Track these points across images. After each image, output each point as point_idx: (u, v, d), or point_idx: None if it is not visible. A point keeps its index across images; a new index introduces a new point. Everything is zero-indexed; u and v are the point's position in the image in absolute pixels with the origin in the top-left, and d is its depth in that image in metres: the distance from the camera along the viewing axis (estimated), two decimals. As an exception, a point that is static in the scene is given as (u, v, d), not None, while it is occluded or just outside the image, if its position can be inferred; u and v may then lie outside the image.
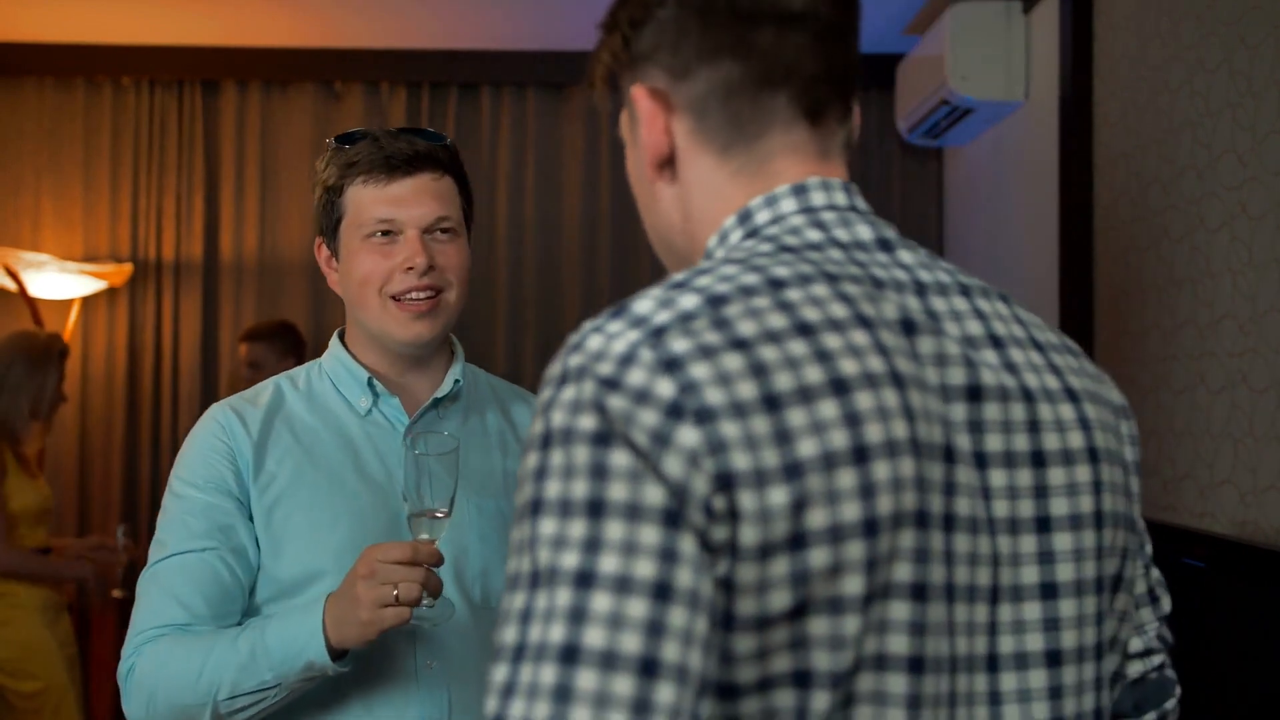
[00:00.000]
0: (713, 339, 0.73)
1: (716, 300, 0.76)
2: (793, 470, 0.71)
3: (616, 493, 0.69)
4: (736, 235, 0.86)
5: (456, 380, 1.56)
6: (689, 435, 0.70)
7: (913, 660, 0.74)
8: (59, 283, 3.97)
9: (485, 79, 4.26)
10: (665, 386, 0.71)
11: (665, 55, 0.87)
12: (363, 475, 1.49)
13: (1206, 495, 2.35)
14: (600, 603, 0.67)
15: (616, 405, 0.71)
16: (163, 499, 1.50)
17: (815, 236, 0.84)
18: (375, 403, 1.54)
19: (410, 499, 1.37)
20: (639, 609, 0.67)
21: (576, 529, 0.69)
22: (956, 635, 0.77)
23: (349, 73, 4.25)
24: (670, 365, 0.72)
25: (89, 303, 4.16)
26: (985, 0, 3.35)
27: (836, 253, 0.83)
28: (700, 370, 0.72)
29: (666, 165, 0.90)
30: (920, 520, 0.75)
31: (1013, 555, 0.80)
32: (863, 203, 0.88)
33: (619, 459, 0.70)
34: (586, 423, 0.71)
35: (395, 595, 1.28)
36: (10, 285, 3.95)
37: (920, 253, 0.87)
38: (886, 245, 0.85)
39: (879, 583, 0.73)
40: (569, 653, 0.66)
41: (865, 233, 0.85)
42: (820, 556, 0.71)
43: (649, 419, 0.70)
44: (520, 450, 1.37)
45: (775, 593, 0.71)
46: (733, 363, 0.73)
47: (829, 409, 0.73)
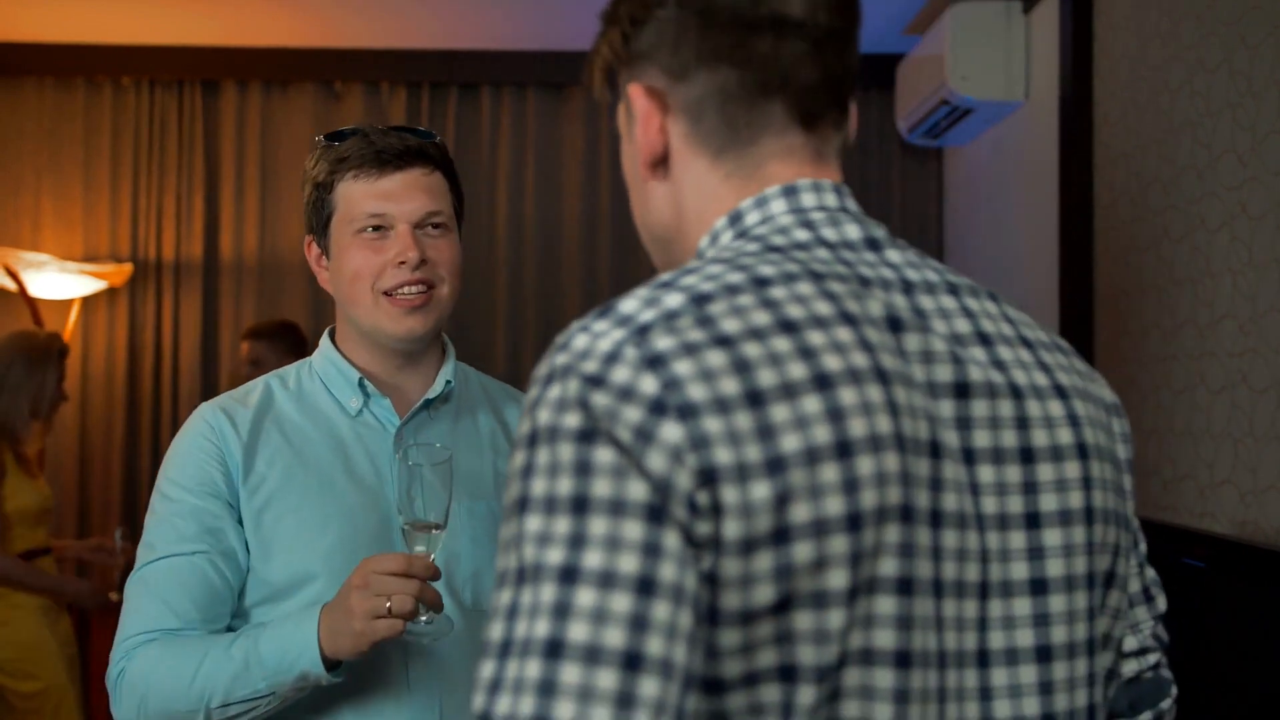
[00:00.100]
0: (696, 336, 0.74)
1: (701, 299, 0.76)
2: (775, 465, 0.71)
3: (600, 489, 0.70)
4: (727, 236, 0.86)
5: (448, 381, 1.54)
6: (672, 431, 0.71)
7: (899, 655, 0.75)
8: (59, 283, 3.97)
9: (485, 79, 4.26)
10: (649, 383, 0.72)
11: (664, 55, 0.87)
12: (353, 477, 1.48)
13: (1206, 495, 2.34)
14: (584, 598, 0.68)
15: (600, 402, 0.72)
16: (150, 499, 1.49)
17: (803, 236, 0.84)
18: (366, 403, 1.52)
19: (405, 512, 1.35)
20: (622, 603, 0.67)
21: (561, 525, 0.70)
22: (945, 630, 0.77)
23: (349, 73, 4.25)
24: (654, 362, 0.73)
25: (89, 303, 4.16)
26: (985, 0, 3.36)
27: (823, 252, 0.83)
28: (683, 367, 0.72)
29: (660, 164, 0.90)
30: (905, 515, 0.75)
31: (1002, 551, 0.80)
32: (854, 204, 0.88)
33: (603, 455, 0.70)
34: (571, 420, 0.72)
35: (388, 607, 1.28)
36: (10, 285, 3.95)
37: (909, 252, 0.87)
38: (874, 245, 0.86)
39: (864, 577, 0.73)
40: (553, 647, 0.67)
41: (853, 232, 0.85)
42: (804, 551, 0.71)
43: (632, 415, 0.71)
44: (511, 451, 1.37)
45: (759, 587, 0.71)
46: (716, 359, 0.73)
47: (812, 404, 0.73)
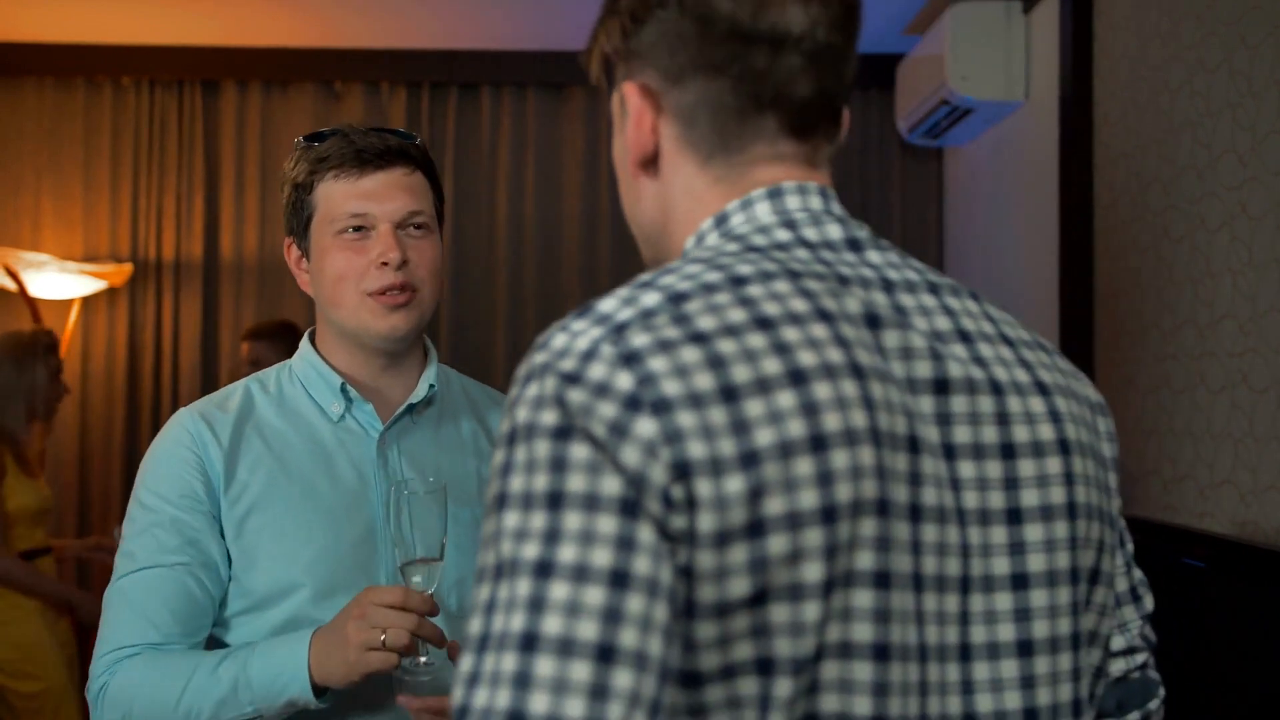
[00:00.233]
0: (672, 333, 0.75)
1: (678, 297, 0.77)
2: (749, 458, 0.72)
3: (575, 484, 0.71)
4: (713, 237, 0.87)
5: (431, 385, 1.53)
6: (646, 426, 0.71)
7: (878, 648, 0.75)
8: (59, 283, 3.97)
9: (485, 79, 4.26)
10: (624, 379, 0.73)
11: (661, 57, 0.87)
12: (336, 484, 1.46)
13: (1206, 495, 2.34)
14: (558, 591, 0.68)
15: (576, 399, 0.73)
16: (129, 506, 1.46)
17: (783, 236, 0.85)
18: (348, 408, 1.50)
19: (400, 546, 1.34)
20: (596, 596, 0.68)
21: (537, 521, 0.70)
22: (926, 624, 0.78)
23: (349, 73, 4.25)
24: (629, 359, 0.73)
25: (89, 303, 4.16)
26: (985, 0, 3.36)
27: (803, 251, 0.84)
28: (658, 363, 0.73)
29: (650, 164, 0.91)
30: (882, 509, 0.75)
31: (983, 546, 0.81)
32: (839, 207, 0.89)
33: (578, 452, 0.71)
34: (548, 418, 0.73)
35: (383, 640, 1.27)
36: (10, 285, 3.95)
37: (890, 253, 0.87)
38: (855, 245, 0.86)
39: (840, 571, 0.74)
40: (528, 641, 0.68)
41: (835, 233, 0.86)
42: (778, 543, 0.72)
43: (607, 411, 0.72)
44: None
45: (734, 580, 0.72)
46: (691, 355, 0.74)
47: (786, 399, 0.74)
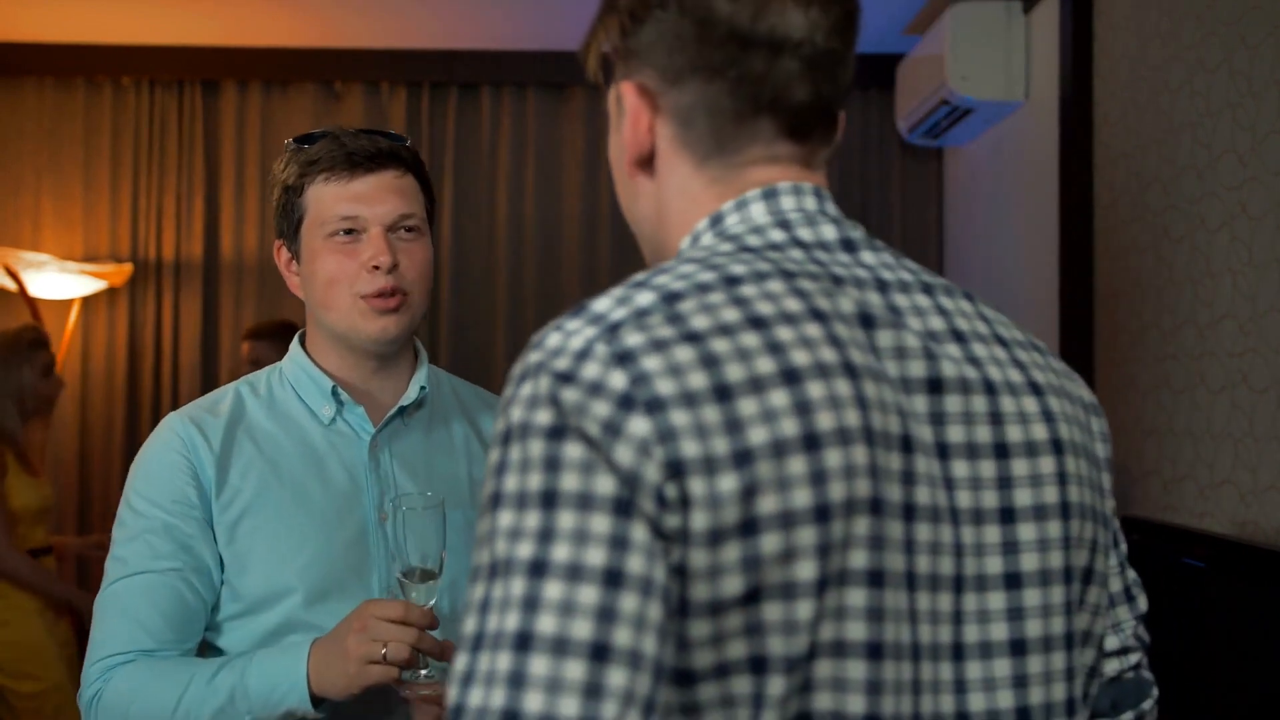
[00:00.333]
0: (665, 333, 0.75)
1: (671, 297, 0.77)
2: (743, 457, 0.72)
3: (569, 483, 0.71)
4: (708, 237, 0.87)
5: (422, 386, 1.52)
6: (639, 425, 0.72)
7: (871, 646, 0.75)
8: (59, 283, 3.97)
9: (485, 79, 4.26)
10: (617, 378, 0.73)
11: (659, 57, 0.87)
12: (328, 487, 1.46)
13: (1206, 495, 2.34)
14: (552, 590, 0.68)
15: (570, 398, 0.73)
16: (119, 510, 1.45)
17: (778, 237, 0.85)
18: (339, 411, 1.49)
19: (399, 560, 1.34)
20: (590, 596, 0.68)
21: (531, 520, 0.71)
22: (920, 623, 0.78)
23: (349, 73, 4.25)
24: (623, 358, 0.74)
25: (89, 303, 4.16)
26: (985, 0, 3.36)
27: (797, 252, 0.84)
28: (652, 362, 0.73)
29: (646, 163, 0.91)
30: (875, 508, 0.75)
31: (976, 545, 0.81)
32: (833, 208, 0.89)
33: (572, 451, 0.71)
34: (542, 417, 0.73)
35: (383, 654, 1.27)
36: (10, 285, 3.95)
37: (884, 253, 0.88)
38: (850, 245, 0.86)
39: (833, 569, 0.74)
40: (523, 640, 0.68)
41: (830, 233, 0.86)
42: (771, 542, 0.72)
43: (601, 410, 0.72)
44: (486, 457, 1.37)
45: (728, 578, 0.72)
46: (684, 355, 0.74)
47: (779, 398, 0.74)
